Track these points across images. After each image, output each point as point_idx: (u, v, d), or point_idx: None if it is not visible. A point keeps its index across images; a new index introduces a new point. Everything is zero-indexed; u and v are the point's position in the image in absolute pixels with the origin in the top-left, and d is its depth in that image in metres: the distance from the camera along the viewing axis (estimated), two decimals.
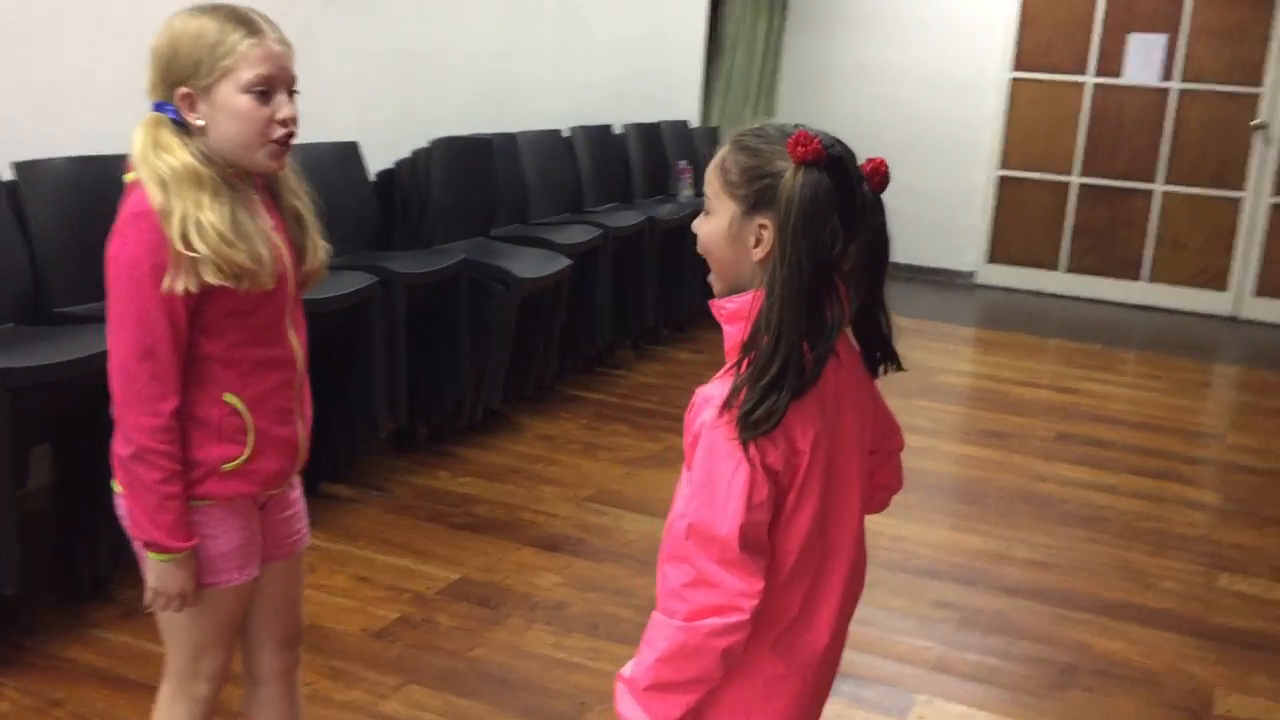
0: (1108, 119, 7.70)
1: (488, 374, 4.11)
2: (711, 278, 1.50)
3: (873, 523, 1.47)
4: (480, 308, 3.99)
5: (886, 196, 1.49)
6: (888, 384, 4.93)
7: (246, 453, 1.70)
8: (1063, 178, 7.84)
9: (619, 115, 6.01)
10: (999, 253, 8.07)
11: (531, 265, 4.18)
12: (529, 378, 4.51)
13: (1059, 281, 7.90)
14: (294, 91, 1.69)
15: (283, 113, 1.66)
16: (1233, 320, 7.48)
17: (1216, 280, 7.56)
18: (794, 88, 8.42)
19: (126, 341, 1.60)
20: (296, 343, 1.78)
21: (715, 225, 1.45)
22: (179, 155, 1.62)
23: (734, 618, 1.34)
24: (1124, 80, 7.58)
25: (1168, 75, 7.47)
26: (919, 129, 8.09)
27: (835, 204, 1.36)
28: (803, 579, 1.44)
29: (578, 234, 4.70)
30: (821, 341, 1.37)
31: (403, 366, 3.78)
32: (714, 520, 1.35)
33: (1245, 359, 6.73)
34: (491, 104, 5.11)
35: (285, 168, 1.75)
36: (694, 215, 1.38)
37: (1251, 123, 7.30)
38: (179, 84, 1.63)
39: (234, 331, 1.67)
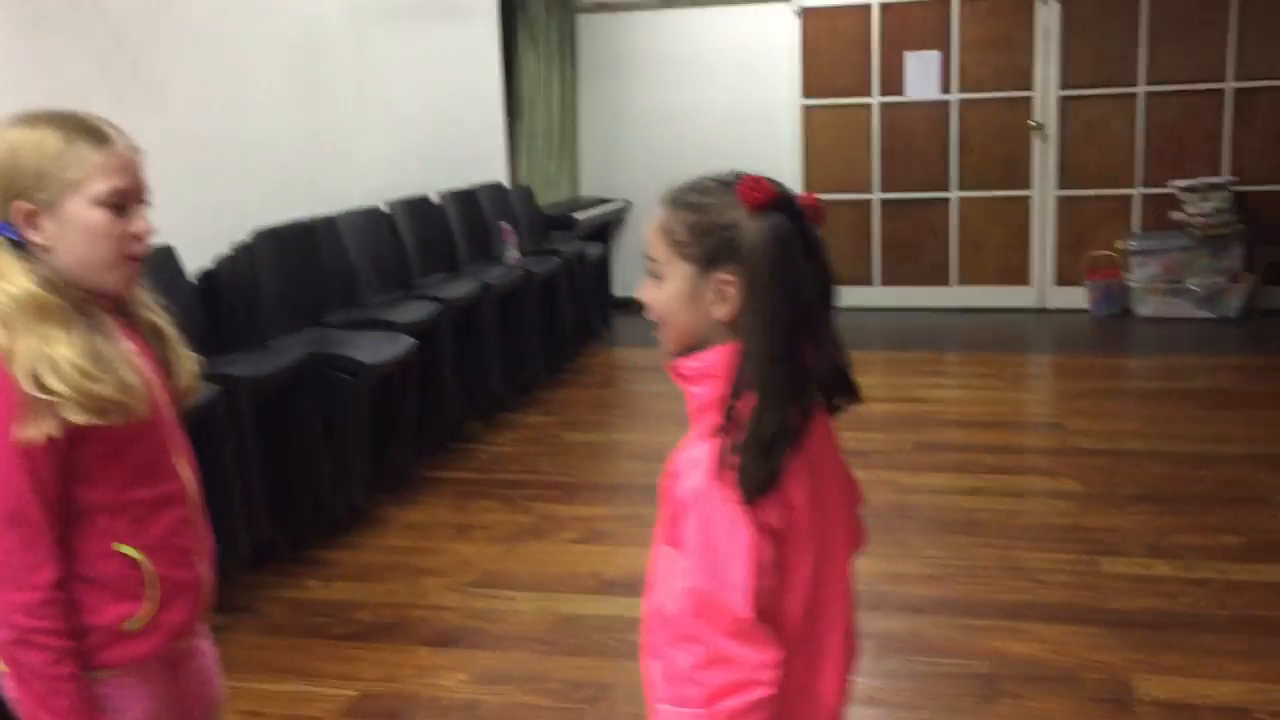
0: (897, 135, 7.99)
1: (346, 468, 3.89)
2: (663, 340, 1.43)
3: None
4: (330, 401, 3.79)
5: None
6: None
7: (150, 607, 1.50)
8: (864, 196, 8.08)
9: (428, 185, 5.86)
10: None
11: (376, 349, 4.00)
12: (385, 466, 4.30)
13: (876, 295, 8.12)
14: (146, 202, 1.53)
15: (137, 226, 1.50)
16: (1040, 311, 7.84)
17: (1019, 275, 7.92)
18: (593, 138, 8.44)
19: None
20: (186, 472, 1.60)
21: (670, 290, 1.38)
22: (19, 283, 1.42)
23: (756, 693, 1.25)
24: (907, 97, 7.90)
25: (946, 88, 7.82)
26: (722, 164, 7.61)
27: (799, 244, 1.32)
28: (804, 643, 1.36)
29: (416, 310, 4.53)
30: (807, 391, 1.31)
31: (256, 475, 3.53)
32: (721, 590, 1.26)
33: (1058, 347, 7.05)
34: (301, 188, 4.89)
35: (136, 287, 1.57)
36: (525, 276, 1.33)
37: (1029, 123, 7.71)
38: (17, 198, 1.44)
39: (115, 474, 1.48)
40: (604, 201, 8.10)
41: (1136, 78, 7.48)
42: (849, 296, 6.31)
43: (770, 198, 1.32)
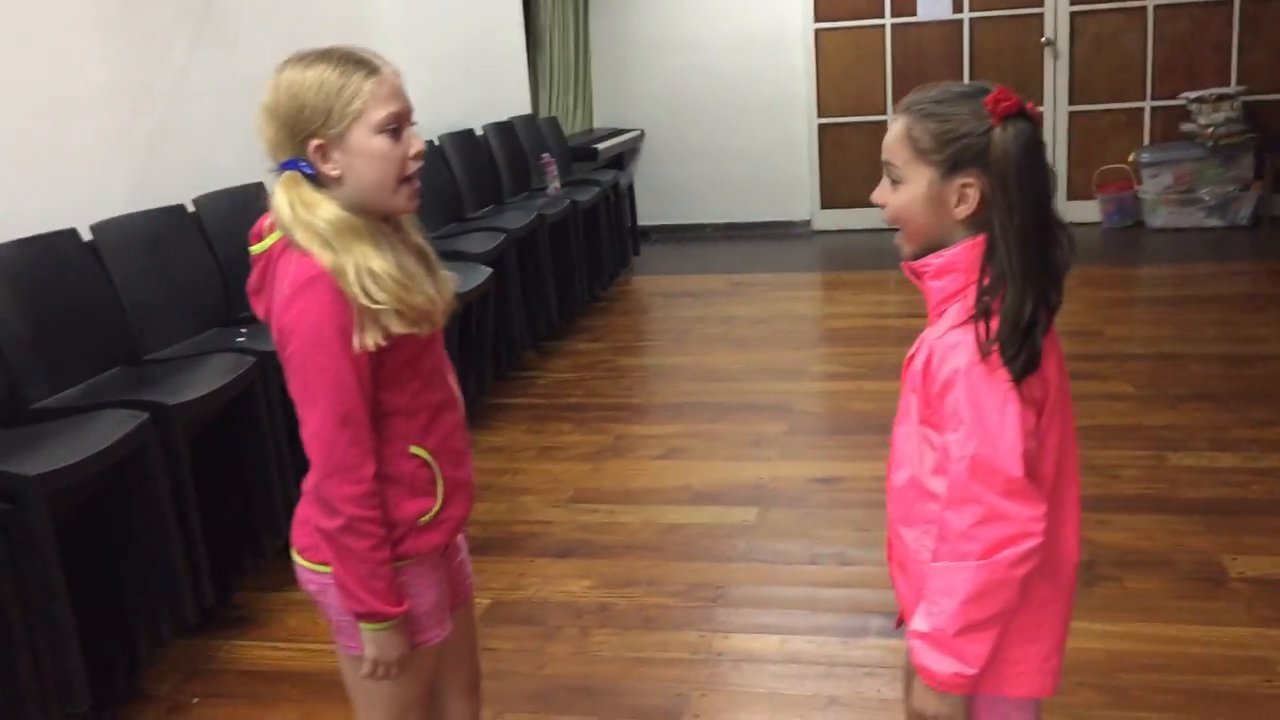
0: (909, 56, 8.07)
1: None
2: (901, 241, 1.56)
3: (850, 469, 1.42)
4: None
5: (714, 160, 1.52)
6: (786, 338, 5.17)
7: (439, 503, 1.64)
8: (877, 118, 8.16)
9: (464, 120, 5.91)
10: (829, 198, 8.36)
11: (461, 279, 4.09)
12: (465, 392, 4.42)
13: None
14: (415, 122, 1.64)
15: (415, 147, 1.61)
16: None
17: None
18: (605, 67, 8.48)
19: (324, 410, 1.52)
20: (453, 380, 1.73)
21: (911, 192, 1.51)
22: (329, 208, 1.54)
23: (1029, 543, 1.41)
24: (919, 18, 7.97)
25: (958, 7, 7.89)
26: (734, 92, 8.31)
27: (1042, 149, 1.45)
28: (1053, 501, 1.51)
29: (482, 242, 4.63)
30: (1057, 279, 1.45)
31: None
32: (995, 454, 1.41)
33: (1077, 259, 7.18)
34: None
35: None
36: (571, 206, 1.45)
37: (1040, 40, 7.81)
38: (311, 136, 1.55)
39: (411, 381, 1.61)
40: (620, 132, 8.16)
41: None
42: (864, 218, 6.55)
43: (1018, 107, 1.44)
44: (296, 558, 1.66)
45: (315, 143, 1.54)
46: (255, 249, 1.60)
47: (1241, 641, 2.70)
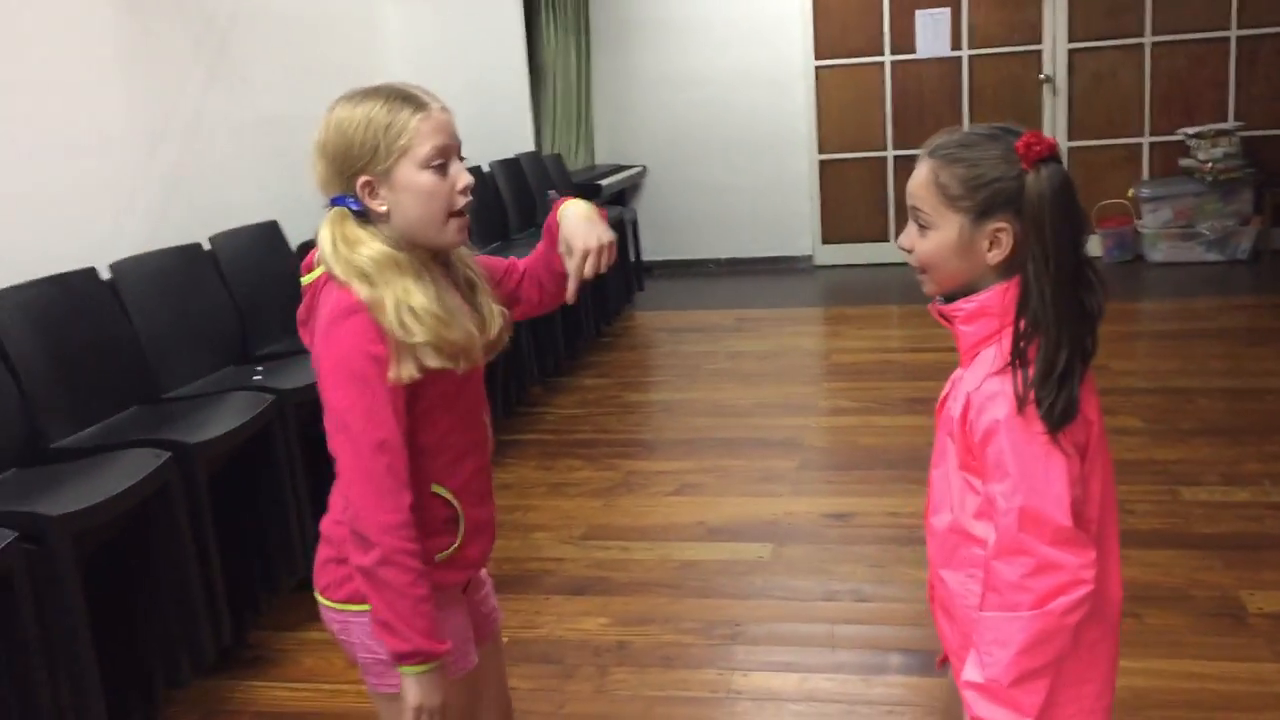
0: (909, 92, 8.14)
1: None
2: (928, 286, 1.56)
3: (862, 504, 1.43)
4: None
5: (716, 195, 1.52)
6: (793, 373, 5.17)
7: (458, 542, 1.65)
8: (878, 154, 8.23)
9: (467, 157, 5.94)
10: (831, 233, 8.40)
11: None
12: None
13: (891, 251, 8.28)
14: (463, 158, 1.65)
15: (462, 181, 1.62)
16: None
17: None
18: (607, 104, 8.53)
19: (359, 439, 1.51)
20: (487, 420, 1.73)
21: (941, 239, 1.50)
22: (373, 246, 1.55)
23: (1081, 591, 1.41)
24: (918, 55, 8.03)
25: (956, 45, 7.96)
26: (735, 128, 8.35)
27: (1074, 191, 1.45)
28: (1099, 542, 1.51)
29: None
30: (1092, 325, 1.45)
31: None
32: (1043, 505, 1.40)
33: None
34: None
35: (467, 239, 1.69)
36: None
37: (1039, 77, 7.88)
38: (358, 173, 1.57)
39: (444, 419, 1.62)
40: (623, 168, 8.20)
41: (1143, 28, 7.65)
42: (865, 253, 6.53)
43: (1050, 151, 1.44)
44: (318, 597, 1.66)
45: (363, 179, 1.56)
46: (305, 279, 1.61)
47: (1265, 677, 2.69)
